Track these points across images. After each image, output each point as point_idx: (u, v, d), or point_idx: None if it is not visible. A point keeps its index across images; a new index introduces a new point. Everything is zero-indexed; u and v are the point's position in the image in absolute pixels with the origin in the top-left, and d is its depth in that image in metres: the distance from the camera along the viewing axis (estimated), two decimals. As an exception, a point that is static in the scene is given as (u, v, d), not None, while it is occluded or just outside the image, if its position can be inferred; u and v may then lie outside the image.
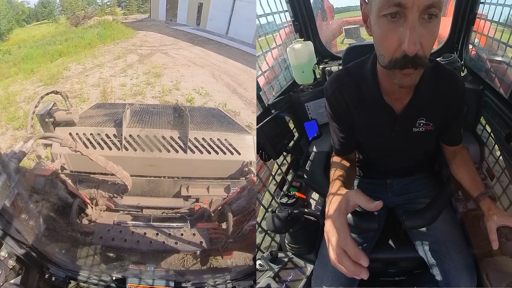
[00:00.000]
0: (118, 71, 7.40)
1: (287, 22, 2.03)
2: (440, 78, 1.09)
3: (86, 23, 14.30)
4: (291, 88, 1.97)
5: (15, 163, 1.21)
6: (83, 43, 10.08)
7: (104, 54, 9.14)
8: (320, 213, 1.41)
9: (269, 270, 1.25)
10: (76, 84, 6.41)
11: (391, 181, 1.37)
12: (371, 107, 1.11)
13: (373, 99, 1.09)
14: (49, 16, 16.23)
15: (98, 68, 7.62)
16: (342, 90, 1.13)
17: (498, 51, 1.60)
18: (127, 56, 8.72)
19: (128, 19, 16.00)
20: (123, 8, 17.86)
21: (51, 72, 7.26)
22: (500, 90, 1.52)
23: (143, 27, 13.43)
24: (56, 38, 11.13)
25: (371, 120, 1.15)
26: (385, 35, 0.89)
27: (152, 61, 8.16)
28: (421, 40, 0.86)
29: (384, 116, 1.12)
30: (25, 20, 15.88)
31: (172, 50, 9.56)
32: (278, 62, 2.00)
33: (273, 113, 1.65)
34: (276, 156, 1.57)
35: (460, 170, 1.22)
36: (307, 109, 1.88)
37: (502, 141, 1.52)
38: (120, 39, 11.08)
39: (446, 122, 1.17)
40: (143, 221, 1.49)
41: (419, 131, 1.15)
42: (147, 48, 9.83)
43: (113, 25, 13.10)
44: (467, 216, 1.28)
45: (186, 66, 7.99)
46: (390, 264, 1.35)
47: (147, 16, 16.89)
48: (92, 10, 16.11)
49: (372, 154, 1.33)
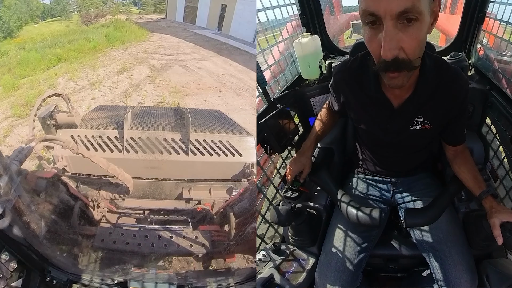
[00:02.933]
0: (117, 96, 5.44)
1: (294, 16, 2.02)
2: (442, 77, 1.09)
3: (97, 21, 13.44)
4: (297, 82, 1.96)
5: (17, 165, 1.21)
6: (87, 47, 8.84)
7: (107, 63, 7.35)
8: (323, 207, 1.42)
9: (272, 261, 1.26)
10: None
11: (395, 180, 1.38)
12: (369, 96, 1.14)
13: (372, 90, 1.12)
14: (61, 13, 15.74)
15: (92, 89, 5.74)
16: (345, 74, 1.19)
17: (507, 51, 1.57)
18: (135, 69, 6.62)
19: (143, 19, 14.85)
20: (139, 7, 17.20)
21: (37, 90, 5.45)
22: (507, 91, 1.50)
23: (158, 29, 11.82)
24: (59, 39, 9.91)
25: (368, 108, 1.18)
26: (368, 41, 0.93)
27: (167, 79, 6.08)
28: (401, 45, 0.88)
29: (381, 107, 1.14)
30: (40, 16, 15.41)
31: (192, 61, 7.44)
32: (284, 56, 1.98)
33: (279, 108, 1.65)
34: (280, 150, 1.58)
35: (462, 169, 1.21)
36: (313, 104, 1.87)
37: (507, 143, 1.50)
38: (130, 42, 9.64)
39: (448, 121, 1.16)
40: (144, 224, 1.49)
41: (416, 129, 1.16)
42: (161, 56, 7.76)
43: (126, 25, 11.81)
44: (469, 216, 1.27)
45: (215, 90, 5.67)
46: (391, 260, 1.36)
47: (163, 16, 15.89)
48: (106, 8, 15.48)
49: (372, 145, 1.34)
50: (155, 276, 1.26)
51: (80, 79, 6.30)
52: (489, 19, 1.67)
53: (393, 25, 0.85)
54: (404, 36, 0.87)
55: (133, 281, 1.11)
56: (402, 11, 0.84)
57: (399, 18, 0.85)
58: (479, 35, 1.77)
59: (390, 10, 0.84)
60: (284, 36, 1.99)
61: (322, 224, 1.38)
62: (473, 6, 1.74)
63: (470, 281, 1.12)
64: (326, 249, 1.27)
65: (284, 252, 1.31)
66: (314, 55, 1.86)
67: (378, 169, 1.38)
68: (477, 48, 1.79)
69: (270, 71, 1.82)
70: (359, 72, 1.14)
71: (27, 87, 6.06)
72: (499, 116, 1.54)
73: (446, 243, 1.18)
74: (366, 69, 1.11)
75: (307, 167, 1.33)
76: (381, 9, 0.84)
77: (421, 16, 0.86)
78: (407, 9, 0.84)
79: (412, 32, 0.87)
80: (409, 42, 0.88)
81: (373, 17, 0.87)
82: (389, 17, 0.85)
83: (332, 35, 2.13)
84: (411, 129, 1.15)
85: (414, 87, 1.08)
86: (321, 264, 1.25)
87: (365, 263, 1.25)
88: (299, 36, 1.89)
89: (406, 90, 1.09)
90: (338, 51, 2.06)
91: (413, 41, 0.89)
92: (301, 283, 1.22)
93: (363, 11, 0.89)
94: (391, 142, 1.23)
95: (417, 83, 1.07)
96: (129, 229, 1.37)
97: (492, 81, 1.61)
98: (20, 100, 5.26)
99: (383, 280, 1.41)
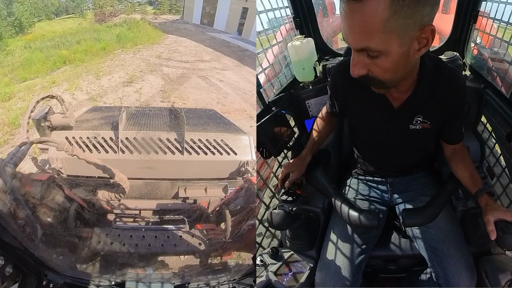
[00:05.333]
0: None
1: (288, 18, 2.01)
2: (440, 76, 1.09)
3: (111, 20, 13.06)
4: (292, 85, 1.96)
5: (11, 168, 1.20)
6: (96, 48, 8.16)
7: (114, 70, 6.35)
8: (320, 210, 1.42)
9: (270, 266, 1.27)
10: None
11: (392, 180, 1.38)
12: (369, 96, 1.13)
13: (372, 90, 1.10)
14: (75, 10, 15.55)
15: (90, 106, 4.15)
16: (344, 74, 1.18)
17: (500, 49, 1.57)
18: (145, 79, 5.46)
19: (157, 19, 14.30)
20: (154, 6, 16.74)
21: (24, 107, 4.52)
22: (501, 89, 1.50)
23: (173, 30, 11.07)
24: (68, 38, 9.35)
25: (367, 108, 1.18)
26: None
27: (184, 97, 4.84)
28: (369, 68, 0.93)
29: (381, 107, 1.15)
30: (55, 12, 15.25)
31: (213, 71, 6.28)
32: (279, 59, 1.98)
33: (274, 111, 1.65)
34: (276, 153, 1.58)
35: (459, 167, 1.22)
36: (308, 106, 1.87)
37: (502, 140, 1.51)
38: (143, 44, 8.85)
39: (446, 120, 1.17)
40: (141, 224, 1.49)
41: (416, 129, 1.16)
42: (176, 63, 6.70)
43: (140, 25, 11.28)
44: (466, 214, 1.29)
45: (244, 115, 4.44)
46: (390, 261, 1.37)
47: (178, 17, 15.27)
48: (122, 7, 15.13)
49: (370, 146, 1.34)
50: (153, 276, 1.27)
51: (79, 91, 5.49)
52: (482, 18, 1.66)
53: (358, 54, 0.92)
54: (371, 63, 0.91)
55: (130, 281, 1.11)
56: (360, 48, 0.89)
57: (361, 52, 0.90)
58: (472, 34, 1.76)
59: (352, 45, 0.91)
60: (278, 39, 1.98)
61: (320, 227, 1.38)
62: (466, 5, 1.73)
63: (469, 278, 1.13)
64: (325, 253, 1.27)
65: (282, 256, 1.31)
66: (308, 58, 1.85)
67: (375, 169, 1.39)
68: (471, 47, 1.78)
69: (265, 74, 1.82)
70: None
71: (19, 98, 5.41)
72: (494, 114, 1.55)
73: (444, 241, 1.19)
74: None
75: (296, 172, 1.32)
76: (347, 39, 0.91)
77: (385, 51, 0.88)
78: (364, 48, 0.89)
79: (377, 62, 0.91)
80: (375, 69, 0.93)
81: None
82: (353, 48, 0.92)
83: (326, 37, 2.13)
84: (411, 128, 1.16)
85: (413, 88, 1.08)
86: (320, 267, 1.25)
87: (364, 265, 1.25)
88: (293, 39, 1.88)
89: (405, 91, 1.09)
90: (332, 53, 2.06)
91: (378, 69, 0.92)
92: (300, 287, 1.22)
93: (343, 35, 0.95)
94: (391, 142, 1.24)
95: (416, 84, 1.07)
96: (126, 230, 1.37)
97: (486, 80, 1.61)
98: (5, 118, 4.55)
99: (382, 281, 1.41)
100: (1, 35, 9.86)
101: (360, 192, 1.41)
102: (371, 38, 0.85)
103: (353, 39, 0.88)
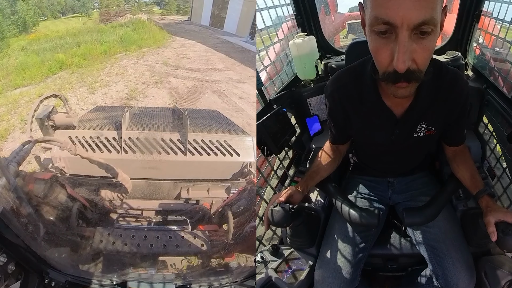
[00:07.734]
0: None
1: (289, 16, 2.02)
2: (442, 80, 1.07)
3: (116, 20, 12.60)
4: (293, 83, 1.96)
5: (15, 166, 1.21)
6: (97, 51, 7.52)
7: (112, 80, 5.45)
8: (321, 208, 1.42)
9: (270, 263, 1.27)
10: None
11: (392, 180, 1.38)
12: (370, 109, 1.11)
13: (372, 102, 1.09)
14: (81, 9, 15.19)
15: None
16: (341, 92, 1.14)
17: (503, 49, 1.58)
18: (149, 95, 4.33)
19: (164, 19, 13.62)
20: (161, 7, 16.24)
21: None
22: (503, 89, 1.51)
23: (181, 32, 10.17)
24: (67, 40, 8.69)
25: (370, 122, 1.15)
26: (376, 50, 0.88)
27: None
28: (413, 56, 0.84)
29: (384, 119, 1.12)
30: (61, 11, 14.92)
31: (229, 83, 5.27)
32: (280, 57, 1.98)
33: (275, 109, 1.65)
34: (277, 151, 1.58)
35: (460, 168, 1.22)
36: (309, 104, 1.88)
37: (504, 141, 1.51)
38: (148, 47, 8.09)
39: (449, 123, 1.16)
40: (143, 224, 1.49)
41: (420, 136, 1.14)
42: (186, 73, 5.69)
43: (146, 26, 10.53)
44: (467, 215, 1.29)
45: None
46: (390, 259, 1.37)
47: (186, 18, 14.65)
48: (128, 7, 14.75)
49: (372, 154, 1.33)
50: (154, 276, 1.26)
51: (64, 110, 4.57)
52: (485, 18, 1.67)
53: (408, 36, 0.81)
54: (417, 47, 0.83)
55: (132, 281, 1.11)
56: (420, 23, 0.80)
57: (414, 30, 0.81)
58: (475, 33, 1.78)
59: (408, 20, 0.79)
60: (279, 37, 1.99)
61: (321, 225, 1.38)
62: (469, 5, 1.75)
63: (468, 278, 1.13)
64: (325, 250, 1.27)
65: (282, 253, 1.31)
66: (310, 56, 1.86)
67: (376, 170, 1.38)
68: (473, 46, 1.80)
69: (266, 72, 1.83)
70: (356, 85, 1.11)
71: (3, 111, 4.66)
72: (496, 114, 1.56)
73: (444, 241, 1.18)
74: (362, 82, 1.08)
75: (285, 195, 1.20)
76: (398, 18, 0.79)
77: (435, 28, 0.83)
78: (425, 21, 0.79)
79: (425, 44, 0.84)
80: (422, 54, 0.85)
81: (387, 26, 0.81)
82: (406, 27, 0.80)
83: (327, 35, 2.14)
84: (415, 136, 1.14)
85: (415, 95, 1.05)
86: (319, 265, 1.25)
87: (363, 263, 1.25)
88: (295, 36, 1.89)
89: (407, 98, 1.06)
90: (334, 51, 2.07)
91: (425, 53, 0.86)
92: (299, 284, 1.23)
93: (375, 19, 0.82)
94: (395, 150, 1.23)
95: (417, 90, 1.03)
96: (128, 229, 1.36)
97: (488, 80, 1.62)
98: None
99: (382, 280, 1.41)
100: (4, 34, 9.45)
101: (360, 191, 1.40)
102: (434, 6, 0.79)
103: (419, 9, 0.78)
